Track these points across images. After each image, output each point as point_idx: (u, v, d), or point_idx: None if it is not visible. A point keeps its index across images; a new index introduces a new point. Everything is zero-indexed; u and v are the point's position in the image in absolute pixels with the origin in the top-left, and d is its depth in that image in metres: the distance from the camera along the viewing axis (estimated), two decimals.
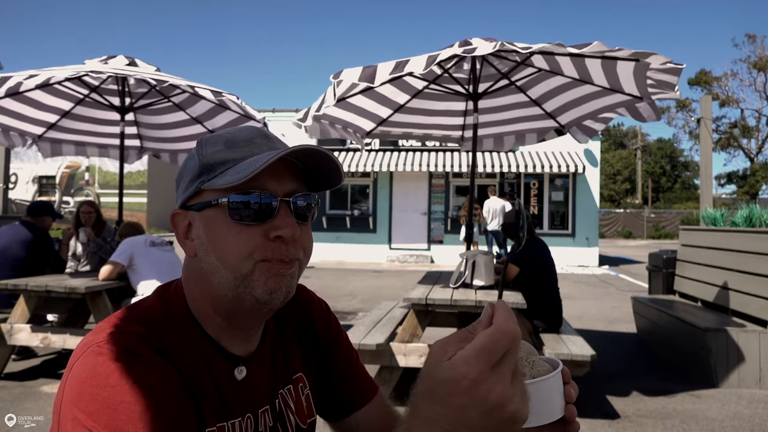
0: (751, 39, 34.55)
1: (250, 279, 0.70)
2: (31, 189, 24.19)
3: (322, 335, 0.94)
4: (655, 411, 3.70)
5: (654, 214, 34.73)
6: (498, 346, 0.50)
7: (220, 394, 0.73)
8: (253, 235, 0.70)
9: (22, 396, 3.76)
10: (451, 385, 0.50)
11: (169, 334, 0.71)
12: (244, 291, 0.71)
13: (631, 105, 4.41)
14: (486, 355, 0.49)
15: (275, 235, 0.71)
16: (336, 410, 0.94)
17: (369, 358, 3.59)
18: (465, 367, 0.49)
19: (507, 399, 0.50)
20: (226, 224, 0.70)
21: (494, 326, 0.51)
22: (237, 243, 0.70)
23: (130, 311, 0.74)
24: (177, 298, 0.76)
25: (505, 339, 0.50)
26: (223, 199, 0.70)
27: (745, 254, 4.71)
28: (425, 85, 5.04)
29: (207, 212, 0.72)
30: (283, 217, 0.71)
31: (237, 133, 0.76)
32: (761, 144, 36.39)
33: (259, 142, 0.75)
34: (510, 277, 4.21)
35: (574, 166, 14.09)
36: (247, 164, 0.70)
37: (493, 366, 0.50)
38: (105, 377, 0.61)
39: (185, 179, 0.75)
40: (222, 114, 5.51)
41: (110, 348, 0.64)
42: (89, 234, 4.78)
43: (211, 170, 0.72)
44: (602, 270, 13.79)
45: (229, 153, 0.73)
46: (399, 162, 14.54)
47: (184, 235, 0.75)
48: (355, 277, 11.39)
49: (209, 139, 0.76)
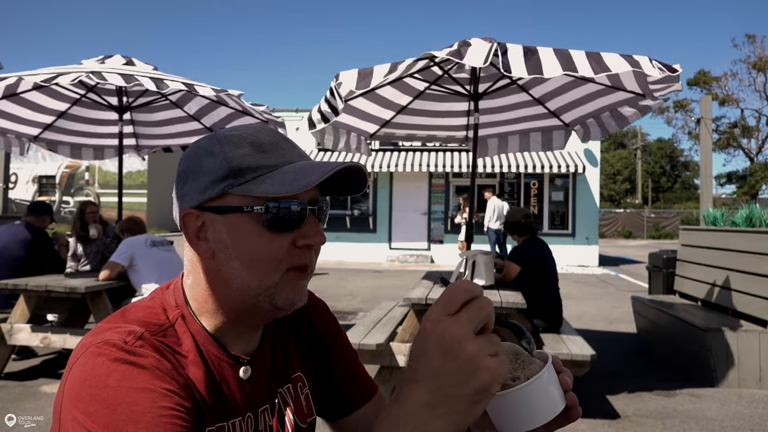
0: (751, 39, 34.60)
1: (274, 288, 0.71)
2: (31, 189, 24.20)
3: (322, 335, 0.94)
4: (655, 411, 3.70)
5: (654, 214, 34.74)
6: (454, 295, 0.56)
7: (221, 393, 0.73)
8: (283, 242, 0.71)
9: (22, 396, 3.76)
10: (419, 335, 0.57)
11: (168, 333, 0.71)
12: (265, 299, 0.72)
13: (634, 102, 4.44)
14: (443, 302, 0.56)
15: (305, 243, 0.72)
16: (335, 410, 0.95)
17: (369, 358, 3.59)
18: (427, 316, 0.57)
19: (463, 337, 0.54)
20: (256, 232, 0.70)
21: (453, 284, 0.58)
22: (268, 251, 0.70)
23: (130, 312, 0.73)
24: (177, 298, 0.76)
25: (460, 290, 0.57)
26: (258, 207, 0.69)
27: (745, 254, 4.71)
28: (426, 86, 5.04)
29: (233, 217, 0.70)
30: (311, 225, 0.72)
31: (260, 135, 0.74)
32: (761, 144, 36.41)
33: (286, 147, 0.74)
34: (511, 275, 4.21)
35: (574, 166, 14.09)
36: (291, 176, 0.69)
37: (453, 314, 0.56)
38: (104, 378, 0.61)
39: (203, 179, 0.71)
40: (218, 109, 5.49)
41: (109, 349, 0.64)
42: (99, 230, 4.80)
43: (240, 174, 0.70)
44: (602, 270, 13.79)
45: (259, 158, 0.71)
46: (399, 162, 14.55)
47: (196, 236, 0.73)
48: (355, 277, 11.39)
49: (231, 139, 0.72)
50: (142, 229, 4.44)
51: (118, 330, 0.67)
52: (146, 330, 0.68)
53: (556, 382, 0.66)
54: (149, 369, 0.64)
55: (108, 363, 0.62)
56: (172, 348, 0.70)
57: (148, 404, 0.61)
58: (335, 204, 15.82)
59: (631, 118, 4.58)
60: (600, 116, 4.89)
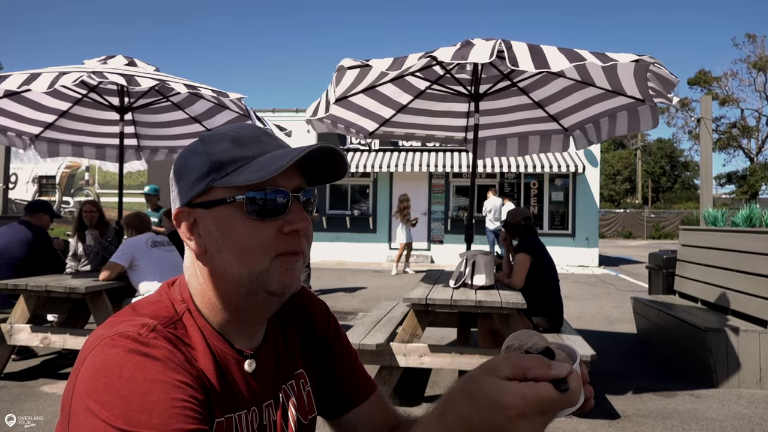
0: (751, 39, 34.59)
1: (266, 275, 0.73)
2: (31, 189, 24.18)
3: (322, 334, 0.96)
4: (655, 411, 3.70)
5: (654, 214, 34.74)
6: (556, 407, 0.55)
7: (228, 386, 0.75)
8: (269, 230, 0.73)
9: (22, 396, 3.76)
10: (497, 405, 0.54)
11: (178, 326, 0.73)
12: (258, 286, 0.74)
13: (633, 108, 4.41)
14: (543, 407, 0.54)
15: (291, 229, 0.73)
16: (335, 407, 0.96)
17: (369, 358, 3.59)
18: (520, 402, 0.54)
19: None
20: (242, 221, 0.72)
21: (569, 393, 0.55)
22: (254, 239, 0.72)
23: (139, 306, 0.75)
24: (182, 293, 0.78)
25: (565, 404, 0.56)
26: (240, 197, 0.72)
27: (745, 254, 4.71)
28: (427, 86, 5.04)
29: (219, 210, 0.73)
30: (296, 211, 0.74)
31: (240, 131, 0.77)
32: (761, 144, 36.40)
33: (266, 140, 0.77)
34: (524, 267, 4.14)
35: (574, 166, 14.09)
36: (265, 162, 0.72)
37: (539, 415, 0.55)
38: (119, 369, 0.62)
39: (189, 177, 0.75)
40: (222, 113, 5.50)
41: (124, 340, 0.65)
42: (95, 236, 4.78)
43: (222, 168, 0.73)
44: (602, 270, 13.79)
45: (238, 151, 0.74)
46: (399, 162, 14.55)
47: (189, 232, 0.76)
48: (355, 277, 11.38)
49: (213, 137, 0.77)
50: (147, 227, 4.42)
51: (131, 323, 0.68)
52: (159, 323, 0.70)
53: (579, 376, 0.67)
54: (163, 360, 0.65)
55: (122, 354, 0.64)
56: (182, 340, 0.72)
57: (161, 395, 0.62)
58: (335, 204, 15.83)
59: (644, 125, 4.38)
60: (599, 121, 4.87)
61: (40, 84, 3.45)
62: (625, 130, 4.59)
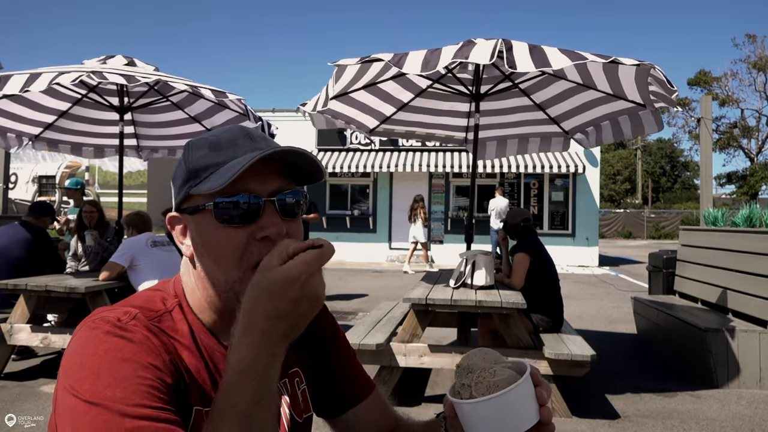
0: (752, 39, 34.57)
1: (239, 285, 0.72)
2: (31, 189, 24.18)
3: (320, 333, 0.96)
4: (655, 411, 3.70)
5: (654, 214, 34.74)
6: (328, 254, 0.64)
7: (214, 381, 0.76)
8: (240, 236, 0.72)
9: (22, 396, 3.76)
10: (289, 281, 0.61)
11: (164, 319, 0.75)
12: (232, 294, 0.74)
13: (634, 113, 4.40)
14: (321, 261, 0.63)
15: (262, 235, 0.72)
16: (333, 407, 0.96)
17: (369, 358, 3.59)
18: (305, 266, 0.61)
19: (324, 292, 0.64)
20: (214, 227, 0.73)
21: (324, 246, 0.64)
22: (226, 245, 0.72)
23: (131, 298, 0.78)
24: (176, 289, 0.80)
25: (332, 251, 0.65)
26: (209, 204, 0.72)
27: (745, 254, 4.71)
28: (429, 84, 5.04)
29: (199, 216, 0.74)
30: (268, 216, 0.73)
31: (222, 135, 0.77)
32: (761, 144, 36.38)
33: (242, 143, 0.75)
34: (523, 267, 4.15)
35: (574, 166, 14.09)
36: (226, 169, 0.71)
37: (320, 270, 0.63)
38: (94, 347, 0.65)
39: (175, 183, 0.78)
40: (221, 113, 5.50)
41: (104, 324, 0.68)
42: (95, 237, 4.78)
43: (197, 175, 0.74)
44: (602, 270, 13.79)
45: (212, 157, 0.74)
46: (399, 162, 14.54)
47: (182, 236, 0.78)
48: (355, 277, 11.38)
49: (195, 143, 0.78)
50: (148, 227, 4.41)
51: (114, 310, 0.72)
52: (141, 312, 0.73)
53: (532, 394, 0.66)
54: (137, 343, 0.67)
55: (100, 335, 0.67)
56: (166, 332, 0.73)
57: (129, 372, 0.64)
58: (335, 204, 15.83)
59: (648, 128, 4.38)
60: (600, 125, 4.86)
61: (40, 84, 3.46)
62: (630, 133, 4.58)
